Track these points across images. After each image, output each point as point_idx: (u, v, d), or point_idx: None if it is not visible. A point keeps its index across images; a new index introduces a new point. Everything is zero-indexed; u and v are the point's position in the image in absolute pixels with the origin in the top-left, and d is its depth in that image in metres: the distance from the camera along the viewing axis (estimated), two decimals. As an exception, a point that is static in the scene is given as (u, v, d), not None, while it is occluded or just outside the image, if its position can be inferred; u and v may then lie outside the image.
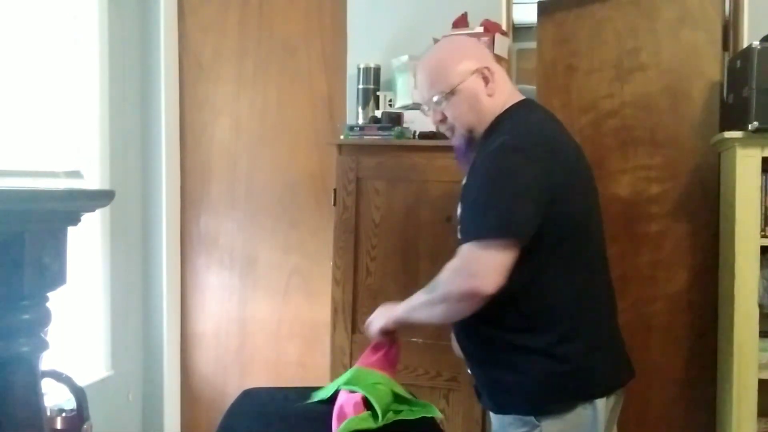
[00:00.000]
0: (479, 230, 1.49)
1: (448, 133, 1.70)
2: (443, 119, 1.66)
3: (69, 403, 2.12)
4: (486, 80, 1.63)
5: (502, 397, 1.61)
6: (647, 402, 2.42)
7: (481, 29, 2.38)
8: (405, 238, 2.33)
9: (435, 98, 1.64)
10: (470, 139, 1.65)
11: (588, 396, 1.57)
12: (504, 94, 1.66)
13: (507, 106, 1.65)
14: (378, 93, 2.59)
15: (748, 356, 2.05)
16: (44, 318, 1.19)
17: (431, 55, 1.71)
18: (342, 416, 1.58)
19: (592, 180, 1.68)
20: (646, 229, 2.42)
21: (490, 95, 1.63)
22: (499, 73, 1.66)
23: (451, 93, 1.62)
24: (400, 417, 1.62)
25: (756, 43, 2.04)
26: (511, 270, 1.47)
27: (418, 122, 2.41)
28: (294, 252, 3.06)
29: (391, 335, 1.73)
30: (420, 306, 1.61)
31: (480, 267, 1.47)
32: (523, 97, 1.69)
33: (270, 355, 3.11)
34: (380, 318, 1.71)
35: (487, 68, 1.63)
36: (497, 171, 1.53)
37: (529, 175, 1.50)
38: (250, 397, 1.87)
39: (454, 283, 1.51)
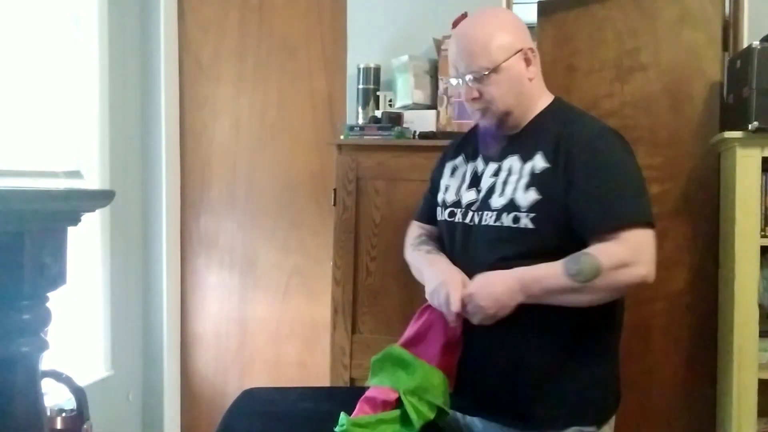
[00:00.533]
0: (641, 215, 1.43)
1: (476, 114, 1.59)
2: (478, 97, 1.55)
3: (69, 403, 2.12)
4: (528, 62, 1.55)
5: (561, 410, 1.49)
6: (647, 402, 2.42)
7: (481, 29, 2.38)
8: (405, 238, 2.33)
9: (474, 74, 1.53)
10: (502, 121, 1.57)
11: (620, 396, 1.60)
12: (542, 81, 1.61)
13: (551, 97, 1.62)
14: (378, 93, 2.59)
15: (748, 356, 2.04)
16: (44, 318, 1.19)
17: (475, 25, 1.58)
18: (362, 409, 1.51)
19: None
20: (646, 229, 2.42)
21: (530, 79, 1.56)
22: (537, 58, 1.59)
23: (494, 71, 1.51)
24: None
25: (756, 43, 2.04)
26: None
27: (418, 122, 2.41)
28: (294, 252, 3.06)
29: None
30: (564, 292, 1.41)
31: (649, 256, 1.41)
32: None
33: (270, 355, 3.11)
34: (502, 302, 1.44)
35: (531, 49, 1.56)
36: (619, 155, 1.51)
37: (637, 162, 1.55)
38: (250, 397, 1.87)
39: (625, 273, 1.39)
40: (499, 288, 1.45)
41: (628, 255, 1.40)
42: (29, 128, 2.60)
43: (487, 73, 1.52)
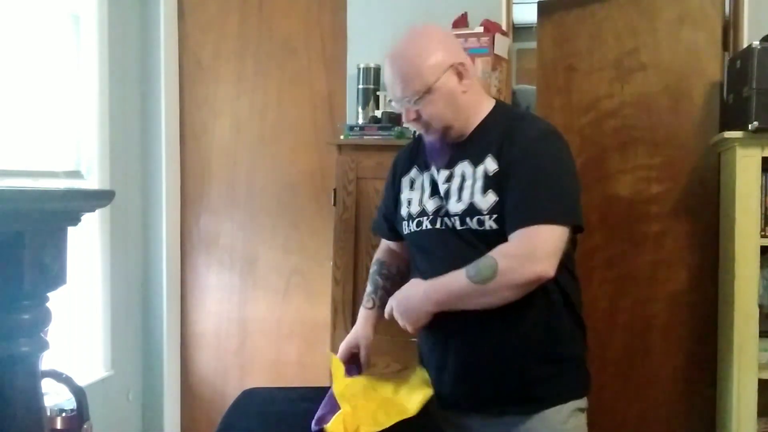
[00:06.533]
0: (552, 214, 1.48)
1: (422, 130, 1.65)
2: (417, 118, 1.60)
3: (69, 403, 2.12)
4: (460, 76, 1.58)
5: (563, 386, 1.60)
6: (647, 402, 2.42)
7: (481, 29, 2.38)
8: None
9: (409, 98, 1.58)
10: (445, 135, 1.62)
11: None
12: (479, 89, 1.67)
13: (492, 101, 1.68)
14: (378, 93, 2.59)
15: (748, 356, 2.05)
16: (44, 318, 1.18)
17: (403, 50, 1.61)
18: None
19: None
20: (646, 229, 2.42)
21: (464, 92, 1.59)
22: (471, 68, 1.63)
23: (427, 92, 1.56)
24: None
25: (756, 43, 2.04)
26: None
27: (418, 122, 2.41)
28: (294, 252, 3.06)
29: None
30: (468, 295, 1.49)
31: (548, 250, 1.46)
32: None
33: (270, 355, 3.11)
34: (416, 311, 1.57)
35: (462, 64, 1.59)
36: (554, 157, 1.55)
37: (574, 163, 1.59)
38: (250, 397, 1.88)
39: (522, 269, 1.45)
40: (412, 299, 1.58)
41: (522, 252, 1.46)
42: (29, 128, 2.60)
43: (420, 96, 1.56)
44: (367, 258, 2.35)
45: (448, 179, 1.63)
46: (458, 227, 1.58)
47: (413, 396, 1.63)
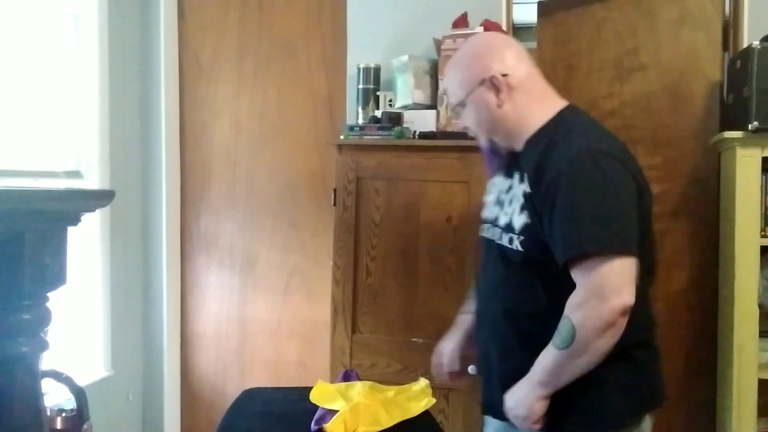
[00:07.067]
0: (601, 246, 1.37)
1: (477, 138, 1.65)
2: (467, 126, 1.65)
3: (69, 403, 2.12)
4: (497, 89, 1.53)
5: (568, 418, 1.47)
6: (647, 402, 2.42)
7: (481, 29, 2.38)
8: (405, 238, 2.33)
9: (452, 108, 1.64)
10: (493, 144, 1.61)
11: (654, 406, 1.55)
12: (533, 99, 1.56)
13: (553, 110, 1.56)
14: (378, 93, 2.59)
15: (748, 356, 2.05)
16: (44, 318, 1.19)
17: (450, 62, 1.67)
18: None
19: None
20: (646, 229, 2.42)
21: (499, 106, 1.53)
22: (519, 79, 1.54)
23: (461, 105, 1.59)
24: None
25: (756, 43, 2.04)
26: None
27: (418, 122, 2.42)
28: (294, 252, 3.06)
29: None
30: (563, 363, 1.41)
31: (615, 283, 1.36)
32: (566, 102, 1.60)
33: (270, 355, 3.11)
34: (524, 400, 1.47)
35: (495, 77, 1.52)
36: (591, 181, 1.41)
37: (628, 184, 1.45)
38: (250, 397, 1.88)
39: (596, 312, 1.36)
40: (517, 393, 1.49)
41: (589, 296, 1.37)
42: (29, 128, 2.60)
43: (456, 108, 1.61)
44: (367, 258, 2.36)
45: (508, 189, 1.58)
46: (495, 240, 1.57)
47: (416, 401, 1.64)
